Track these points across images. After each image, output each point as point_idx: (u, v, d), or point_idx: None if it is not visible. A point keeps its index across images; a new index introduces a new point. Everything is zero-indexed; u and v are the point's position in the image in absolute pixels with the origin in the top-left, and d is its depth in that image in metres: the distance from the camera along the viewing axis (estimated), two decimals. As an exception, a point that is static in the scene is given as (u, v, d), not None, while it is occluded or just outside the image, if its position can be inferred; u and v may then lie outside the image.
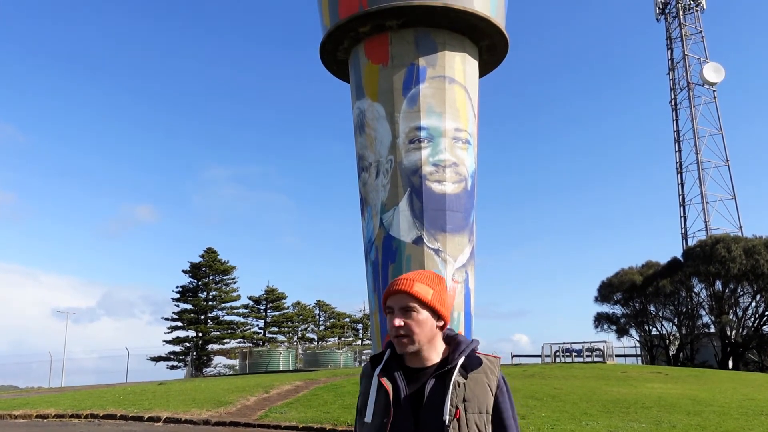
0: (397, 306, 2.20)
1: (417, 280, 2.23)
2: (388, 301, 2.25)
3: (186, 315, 55.63)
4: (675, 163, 54.50)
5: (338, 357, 43.85)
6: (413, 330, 2.18)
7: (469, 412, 2.14)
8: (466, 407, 2.14)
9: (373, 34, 26.14)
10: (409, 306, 2.18)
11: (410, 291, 2.19)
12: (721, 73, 52.18)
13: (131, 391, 21.56)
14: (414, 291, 2.18)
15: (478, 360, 2.24)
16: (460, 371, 2.19)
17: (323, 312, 70.49)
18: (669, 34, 56.10)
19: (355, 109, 27.21)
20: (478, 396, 2.17)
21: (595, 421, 12.50)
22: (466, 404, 2.14)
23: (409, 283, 2.21)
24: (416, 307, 2.19)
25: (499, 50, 28.09)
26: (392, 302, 2.23)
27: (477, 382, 2.19)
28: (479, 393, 2.18)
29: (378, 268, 24.92)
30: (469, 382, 2.18)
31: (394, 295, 2.22)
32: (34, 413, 17.17)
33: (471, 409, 2.14)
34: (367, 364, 2.39)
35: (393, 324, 2.19)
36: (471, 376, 2.19)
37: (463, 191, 25.11)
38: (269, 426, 14.26)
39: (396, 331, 2.19)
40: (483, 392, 2.18)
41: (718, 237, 40.92)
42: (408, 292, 2.19)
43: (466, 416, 2.13)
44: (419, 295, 2.19)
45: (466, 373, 2.19)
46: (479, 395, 2.17)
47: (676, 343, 41.76)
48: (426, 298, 2.20)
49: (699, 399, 15.31)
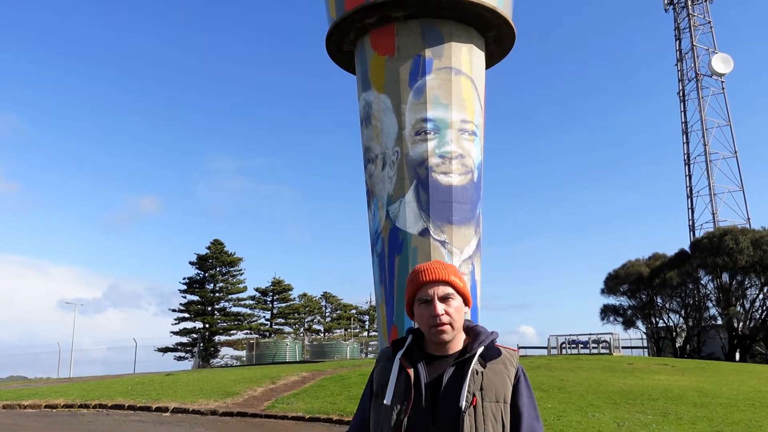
0: (438, 294, 2.26)
1: (447, 269, 2.31)
2: (425, 290, 2.29)
3: (193, 306, 55.93)
4: (683, 155, 54.22)
5: (344, 348, 43.97)
6: (454, 317, 2.26)
7: (486, 401, 2.18)
8: (483, 395, 2.18)
9: (379, 26, 26.04)
10: (449, 294, 2.27)
11: (448, 280, 2.28)
12: (730, 64, 51.78)
13: (139, 381, 21.70)
14: (451, 280, 2.28)
15: (497, 351, 2.30)
16: (479, 360, 2.24)
17: (329, 304, 70.65)
18: (677, 25, 55.68)
19: (361, 101, 27.15)
20: (495, 385, 2.21)
21: (602, 412, 12.51)
22: (483, 392, 2.19)
23: (445, 272, 2.29)
24: (454, 295, 2.28)
25: (506, 41, 27.95)
26: (430, 291, 2.28)
27: (495, 372, 2.24)
28: (497, 382, 2.22)
29: (384, 259, 24.94)
30: (488, 371, 2.23)
31: (430, 284, 2.28)
32: (43, 403, 17.31)
33: (488, 398, 2.18)
34: (387, 348, 2.43)
35: (436, 312, 2.24)
36: (489, 366, 2.24)
37: (470, 183, 25.05)
38: (276, 416, 14.34)
39: (439, 319, 2.24)
40: (501, 382, 2.23)
41: (726, 229, 40.72)
42: (447, 281, 2.28)
43: (482, 404, 2.17)
44: (455, 283, 2.29)
45: (484, 363, 2.24)
46: (497, 384, 2.22)
47: (682, 335, 41.67)
48: (459, 285, 2.30)
49: (706, 391, 15.29)
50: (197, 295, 56.34)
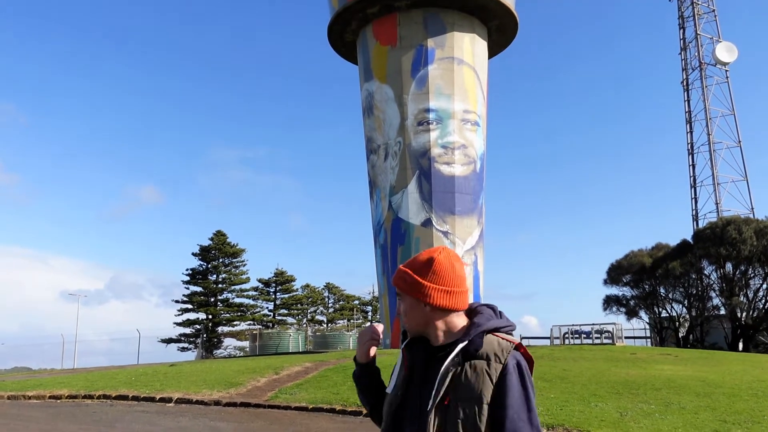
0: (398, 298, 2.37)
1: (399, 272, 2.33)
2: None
3: (196, 297, 56.12)
4: (686, 144, 54.01)
5: (347, 339, 44.09)
6: (407, 318, 2.31)
7: (459, 400, 2.07)
8: (457, 395, 2.07)
9: (381, 15, 25.94)
10: (399, 295, 2.34)
11: (396, 284, 2.35)
12: (734, 53, 51.48)
13: (143, 372, 21.77)
14: (397, 283, 2.33)
15: (481, 344, 2.15)
16: (459, 356, 2.13)
17: (332, 294, 70.76)
18: (681, 13, 55.33)
19: (363, 91, 27.07)
20: (472, 384, 2.08)
21: (605, 402, 12.51)
22: (457, 392, 2.08)
23: (396, 276, 2.35)
24: (403, 296, 2.32)
25: (508, 30, 27.82)
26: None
27: (476, 368, 2.10)
28: (474, 381, 2.08)
29: (387, 250, 24.95)
30: (468, 368, 2.11)
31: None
32: (48, 394, 17.38)
33: (461, 397, 2.07)
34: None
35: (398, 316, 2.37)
36: (471, 362, 2.12)
37: (472, 173, 25.00)
38: (279, 407, 14.38)
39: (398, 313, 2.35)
40: (479, 380, 2.08)
41: (729, 219, 40.62)
42: (396, 285, 2.35)
43: (455, 403, 2.07)
44: (400, 285, 2.31)
45: (464, 359, 2.13)
46: (474, 383, 2.08)
47: (685, 325, 41.67)
48: (403, 286, 2.30)
49: (709, 381, 15.28)
50: (200, 286, 56.54)
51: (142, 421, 13.16)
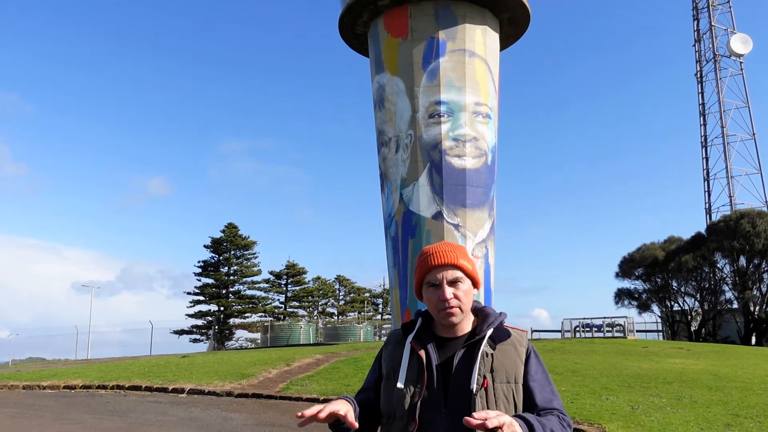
0: (447, 278, 2.25)
1: (456, 251, 2.30)
2: (433, 274, 2.27)
3: (208, 289, 56.44)
4: (700, 137, 53.55)
5: (358, 331, 44.26)
6: (463, 301, 2.26)
7: (497, 382, 2.19)
8: (494, 377, 2.20)
9: (392, 7, 25.85)
10: (458, 278, 2.26)
11: (457, 263, 2.27)
12: (749, 45, 50.89)
13: (155, 363, 21.97)
14: (460, 263, 2.27)
15: (506, 332, 2.31)
16: (488, 342, 2.25)
17: (343, 287, 70.97)
18: (695, 5, 54.73)
19: (374, 84, 27.03)
20: (506, 366, 2.23)
21: (616, 395, 12.49)
22: (494, 374, 2.20)
23: (453, 255, 2.28)
24: (463, 278, 2.27)
25: (520, 22, 27.65)
26: (439, 275, 2.26)
27: (505, 352, 2.25)
28: (507, 363, 2.23)
29: (398, 243, 24.96)
30: (497, 352, 2.24)
31: (439, 268, 2.26)
32: (62, 384, 17.59)
33: (499, 379, 2.20)
34: (396, 330, 2.44)
35: (444, 296, 2.23)
36: (499, 347, 2.25)
37: (483, 166, 24.94)
38: (291, 398, 14.47)
39: (448, 303, 2.23)
40: (511, 362, 2.24)
41: (743, 212, 40.27)
42: (456, 265, 2.26)
43: (494, 386, 2.19)
44: (464, 266, 2.28)
45: (494, 344, 2.25)
46: (507, 365, 2.23)
47: (698, 318, 41.44)
48: (468, 268, 2.29)
49: (721, 374, 15.21)
50: (212, 278, 56.86)
51: (154, 411, 13.28)
